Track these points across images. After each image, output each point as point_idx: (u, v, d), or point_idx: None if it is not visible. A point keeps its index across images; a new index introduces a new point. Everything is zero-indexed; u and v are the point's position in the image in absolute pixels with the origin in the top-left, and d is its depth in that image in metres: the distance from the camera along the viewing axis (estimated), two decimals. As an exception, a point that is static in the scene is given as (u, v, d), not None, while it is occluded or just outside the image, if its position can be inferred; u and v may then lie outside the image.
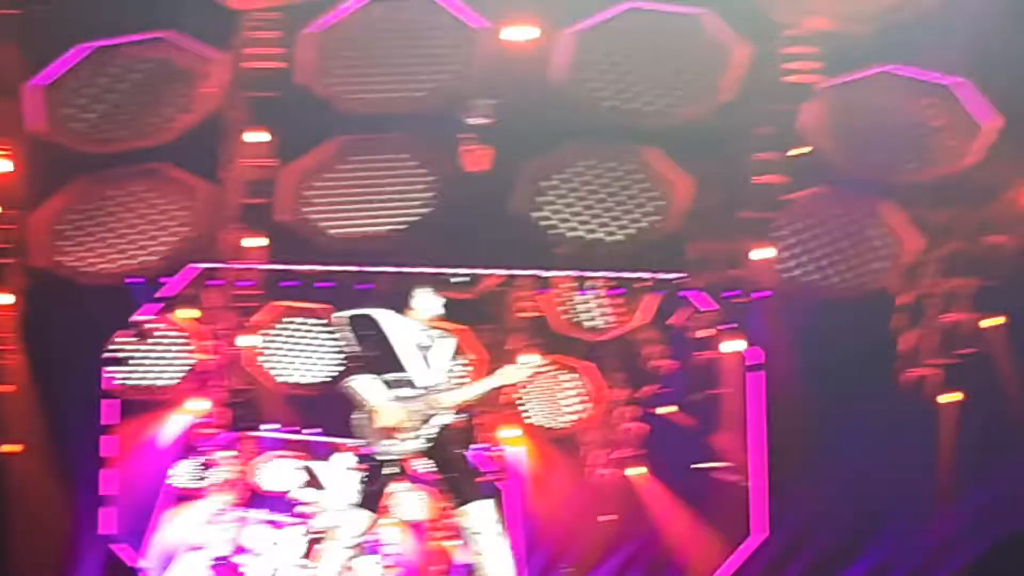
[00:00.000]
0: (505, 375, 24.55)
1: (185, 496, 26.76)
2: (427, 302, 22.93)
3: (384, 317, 23.63)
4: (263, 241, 26.88)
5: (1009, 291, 26.88)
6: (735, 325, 28.03)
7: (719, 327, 28.15)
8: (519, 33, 25.10)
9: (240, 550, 26.17)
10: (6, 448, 25.42)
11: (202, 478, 27.24)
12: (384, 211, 27.21)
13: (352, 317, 25.03)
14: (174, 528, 26.55)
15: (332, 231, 27.17)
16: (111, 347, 26.73)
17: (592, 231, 27.68)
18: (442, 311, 24.50)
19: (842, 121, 26.49)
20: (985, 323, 27.37)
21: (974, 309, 27.43)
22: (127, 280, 26.59)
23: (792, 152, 26.66)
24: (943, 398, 27.69)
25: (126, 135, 25.65)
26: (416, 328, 23.65)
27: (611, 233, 27.67)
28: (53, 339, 25.23)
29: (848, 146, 26.69)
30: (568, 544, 28.02)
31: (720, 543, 28.06)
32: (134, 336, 26.85)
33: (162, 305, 26.70)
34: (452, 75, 25.73)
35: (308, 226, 27.00)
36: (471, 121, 26.14)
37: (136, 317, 26.72)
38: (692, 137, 26.45)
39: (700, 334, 28.37)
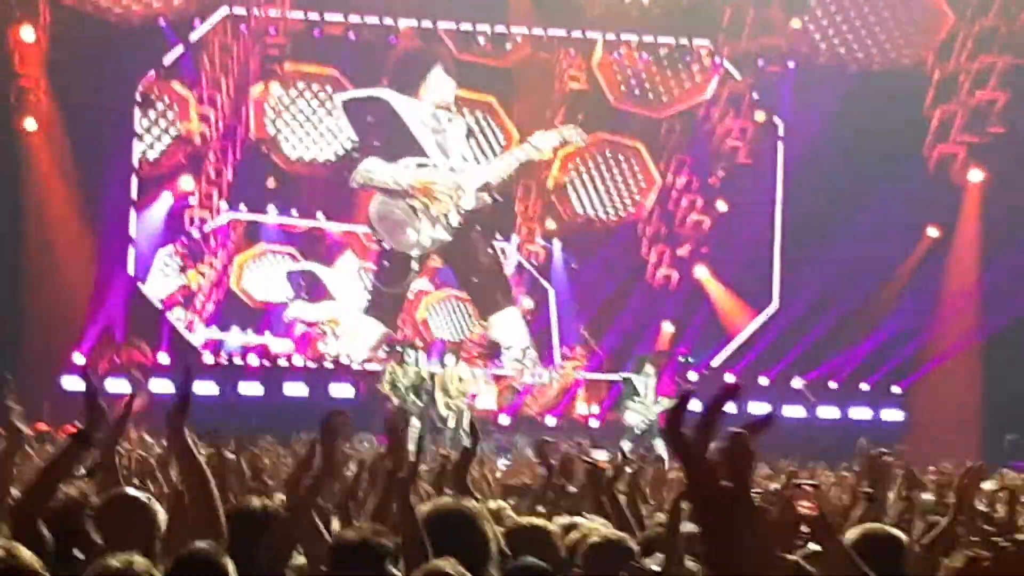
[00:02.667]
0: (533, 146, 24.13)
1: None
2: (440, 81, 22.47)
3: (394, 98, 23.19)
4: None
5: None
6: (756, 96, 27.87)
7: (748, 97, 27.96)
8: None
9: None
10: (34, 185, 25.61)
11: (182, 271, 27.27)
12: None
13: (360, 99, 24.67)
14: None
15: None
16: (141, 89, 26.78)
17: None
18: (455, 91, 24.30)
19: None
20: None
21: (1004, 88, 27.03)
22: (158, 21, 26.52)
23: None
24: (969, 176, 27.56)
25: None
26: (428, 110, 23.10)
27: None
28: (81, 78, 25.16)
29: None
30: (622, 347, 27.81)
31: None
32: (164, 79, 26.88)
33: (189, 50, 26.70)
34: None
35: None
36: None
37: (167, 59, 26.76)
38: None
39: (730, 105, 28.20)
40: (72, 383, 24.74)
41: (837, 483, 13.93)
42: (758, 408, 27.27)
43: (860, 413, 27.76)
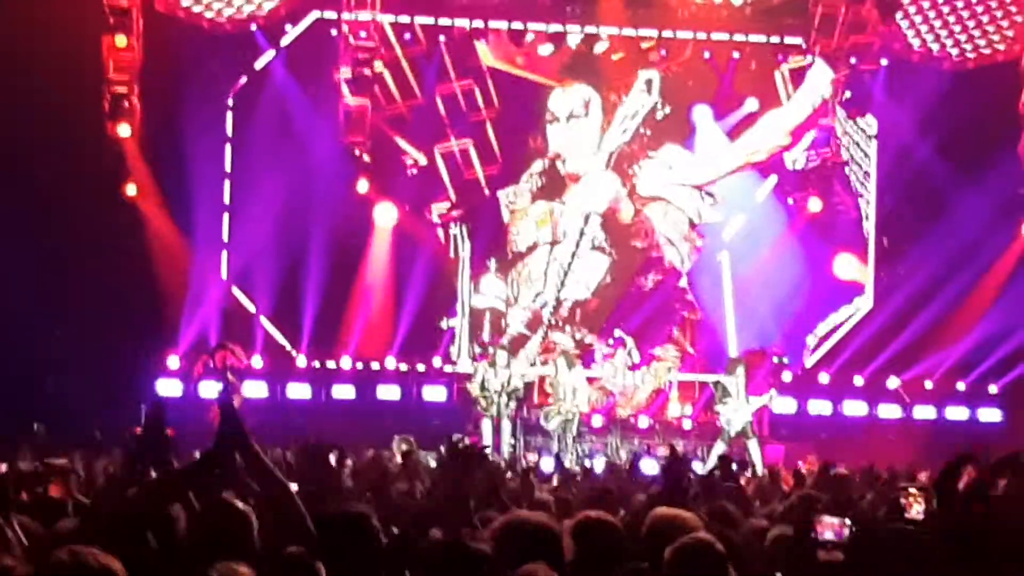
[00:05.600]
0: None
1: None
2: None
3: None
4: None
5: None
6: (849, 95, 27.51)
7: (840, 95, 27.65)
8: None
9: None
10: (128, 190, 25.78)
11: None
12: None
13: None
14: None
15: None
16: (233, 93, 26.96)
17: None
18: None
19: None
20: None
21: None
22: (250, 27, 26.67)
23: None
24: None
25: None
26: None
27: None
28: (174, 84, 25.38)
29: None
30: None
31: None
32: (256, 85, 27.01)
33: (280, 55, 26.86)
34: None
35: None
36: None
37: (259, 64, 26.93)
38: None
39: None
40: (166, 388, 24.96)
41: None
42: (854, 407, 27.22)
43: (957, 413, 27.51)
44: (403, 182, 27.55)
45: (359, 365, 26.81)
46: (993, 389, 27.60)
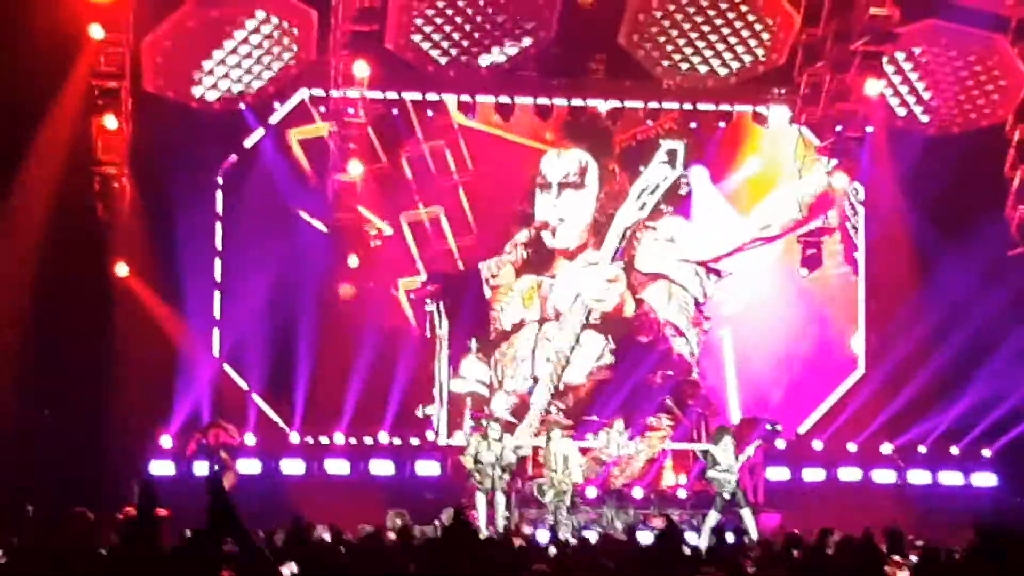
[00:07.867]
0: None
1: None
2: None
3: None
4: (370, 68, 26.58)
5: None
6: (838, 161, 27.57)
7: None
8: None
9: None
10: (119, 270, 25.72)
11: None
12: (491, 40, 26.98)
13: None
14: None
15: (440, 59, 26.97)
16: (223, 172, 27.05)
17: (701, 63, 27.34)
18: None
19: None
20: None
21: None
22: (238, 105, 26.72)
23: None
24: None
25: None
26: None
27: (720, 65, 27.32)
28: (164, 163, 25.48)
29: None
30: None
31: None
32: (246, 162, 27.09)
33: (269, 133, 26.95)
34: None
35: (415, 54, 26.82)
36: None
37: (248, 142, 27.02)
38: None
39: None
40: (159, 468, 24.87)
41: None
42: (848, 474, 27.21)
43: (951, 478, 27.48)
44: (366, 254, 27.39)
45: (352, 440, 26.73)
46: (987, 453, 27.59)
